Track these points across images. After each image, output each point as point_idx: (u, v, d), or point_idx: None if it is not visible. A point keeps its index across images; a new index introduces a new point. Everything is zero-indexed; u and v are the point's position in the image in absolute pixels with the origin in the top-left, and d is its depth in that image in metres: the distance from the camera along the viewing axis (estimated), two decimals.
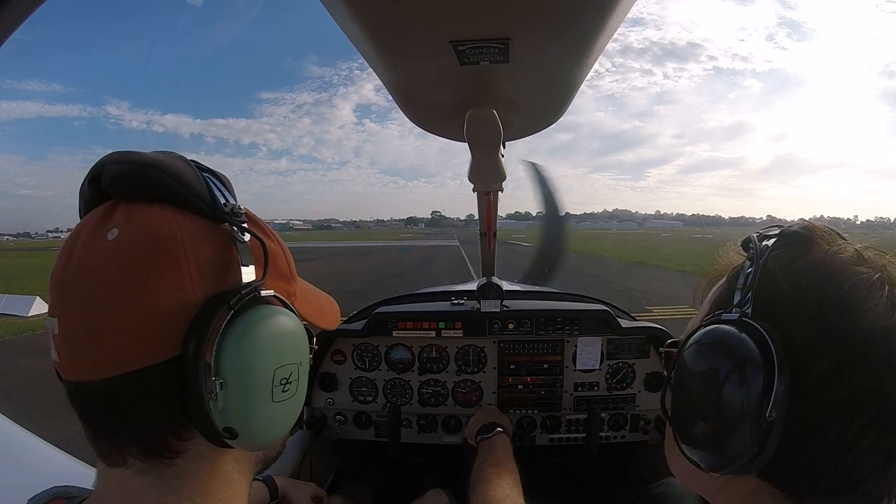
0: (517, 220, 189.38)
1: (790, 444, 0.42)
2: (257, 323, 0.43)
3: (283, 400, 0.46)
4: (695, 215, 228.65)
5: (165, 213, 0.43)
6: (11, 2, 0.59)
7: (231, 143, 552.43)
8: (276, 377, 0.44)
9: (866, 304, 0.41)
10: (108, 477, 0.45)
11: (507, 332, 1.49)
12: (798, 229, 0.48)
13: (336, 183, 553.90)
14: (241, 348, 0.42)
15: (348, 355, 1.55)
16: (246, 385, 0.43)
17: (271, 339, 0.44)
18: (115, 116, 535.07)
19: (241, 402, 0.43)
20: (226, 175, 0.49)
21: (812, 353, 0.41)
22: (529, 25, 0.48)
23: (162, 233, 0.42)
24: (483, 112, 0.67)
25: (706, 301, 0.56)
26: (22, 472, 1.06)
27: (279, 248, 0.52)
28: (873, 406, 0.40)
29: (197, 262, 0.43)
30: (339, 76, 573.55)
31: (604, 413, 1.52)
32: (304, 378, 0.49)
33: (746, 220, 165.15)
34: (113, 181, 0.44)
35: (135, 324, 0.40)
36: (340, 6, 0.46)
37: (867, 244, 0.46)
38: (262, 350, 0.43)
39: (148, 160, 0.43)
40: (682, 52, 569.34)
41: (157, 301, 0.41)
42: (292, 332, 0.47)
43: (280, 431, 0.48)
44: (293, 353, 0.46)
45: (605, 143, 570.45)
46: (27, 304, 11.67)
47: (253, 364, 0.43)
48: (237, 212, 0.46)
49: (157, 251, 0.41)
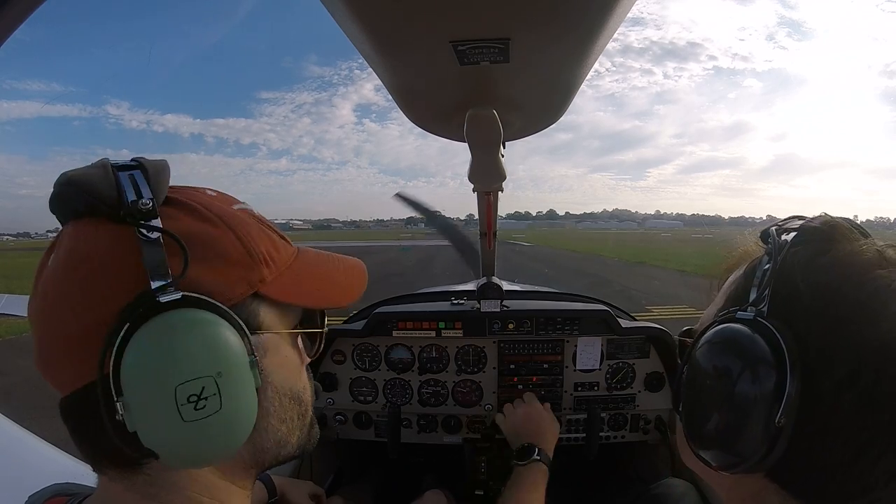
0: (517, 220, 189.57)
1: (799, 447, 0.41)
2: (148, 336, 0.39)
3: (199, 419, 0.40)
4: (695, 215, 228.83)
5: (83, 229, 0.43)
6: (11, 2, 0.59)
7: (231, 142, 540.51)
8: (178, 395, 0.39)
9: (886, 309, 0.39)
10: (99, 481, 0.46)
11: (507, 332, 1.49)
12: (819, 225, 0.46)
13: (336, 183, 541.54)
14: (132, 367, 0.38)
15: (348, 355, 1.55)
16: (147, 405, 0.39)
17: (164, 353, 0.39)
18: (115, 116, 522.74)
19: (148, 423, 0.39)
20: (160, 163, 0.45)
21: (827, 359, 0.40)
22: (529, 25, 0.48)
23: (78, 252, 0.42)
24: (483, 112, 0.67)
25: (722, 292, 0.54)
26: (22, 472, 1.06)
27: (225, 233, 0.45)
28: (886, 415, 0.38)
29: (114, 274, 0.41)
30: (339, 76, 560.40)
31: (604, 413, 1.52)
32: (234, 389, 0.41)
33: (746, 220, 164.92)
34: (50, 207, 0.44)
35: (64, 348, 0.41)
36: (340, 6, 0.46)
37: (889, 241, 0.44)
38: (155, 367, 0.39)
39: (66, 178, 0.42)
40: (682, 51, 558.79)
41: (77, 323, 0.41)
42: (202, 340, 0.40)
43: (216, 451, 0.42)
44: (202, 364, 0.40)
45: (605, 142, 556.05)
46: (27, 305, 11.64)
47: (146, 383, 0.39)
48: (140, 208, 0.41)
49: (75, 274, 0.42)
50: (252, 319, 0.46)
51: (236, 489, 0.50)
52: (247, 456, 0.49)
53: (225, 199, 0.51)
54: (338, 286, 0.56)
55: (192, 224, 0.44)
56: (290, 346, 0.52)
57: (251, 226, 0.48)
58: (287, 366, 0.51)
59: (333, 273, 0.57)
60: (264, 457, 0.50)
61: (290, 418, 0.51)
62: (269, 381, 0.48)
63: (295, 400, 0.52)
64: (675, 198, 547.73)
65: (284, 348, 0.51)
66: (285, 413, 0.50)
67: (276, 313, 0.49)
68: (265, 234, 0.50)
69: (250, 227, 0.48)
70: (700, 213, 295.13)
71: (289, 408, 0.51)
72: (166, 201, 0.45)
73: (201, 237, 0.44)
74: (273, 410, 0.49)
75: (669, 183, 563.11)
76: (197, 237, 0.43)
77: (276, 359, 0.49)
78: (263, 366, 0.47)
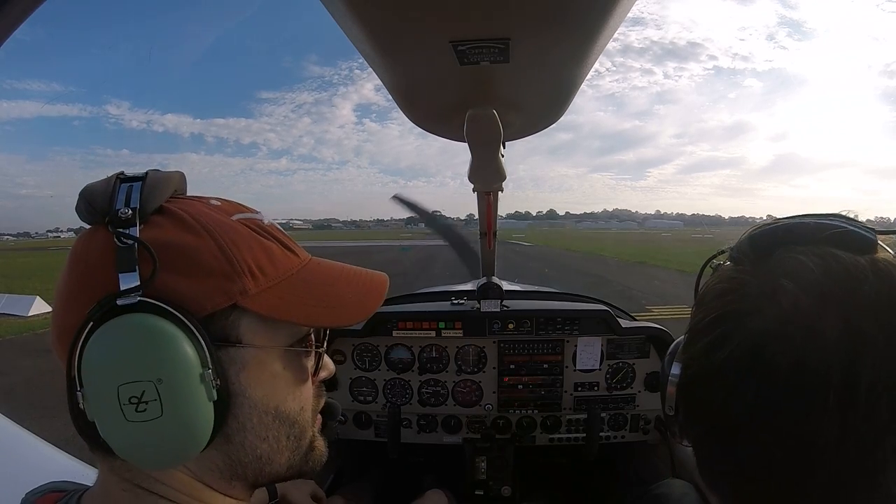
0: (517, 219, 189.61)
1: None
2: (102, 334, 0.41)
3: (141, 421, 0.41)
4: (695, 215, 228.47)
5: (86, 234, 0.46)
6: (11, 2, 0.59)
7: (231, 142, 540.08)
8: (121, 394, 0.40)
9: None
10: (99, 470, 0.49)
11: (507, 331, 1.49)
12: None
13: (336, 183, 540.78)
14: (87, 362, 0.41)
15: (348, 355, 1.55)
16: (98, 400, 0.42)
17: (111, 353, 0.41)
18: (115, 116, 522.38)
19: (100, 417, 0.42)
20: (175, 174, 0.50)
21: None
22: (529, 25, 0.48)
23: (76, 255, 0.46)
24: (483, 112, 0.67)
25: None
26: (22, 472, 1.06)
27: (206, 243, 0.45)
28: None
29: (96, 277, 0.44)
30: (339, 76, 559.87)
31: (604, 413, 1.52)
32: (176, 398, 0.42)
33: (746, 220, 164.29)
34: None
35: (58, 335, 0.45)
36: (340, 6, 0.46)
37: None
38: (101, 364, 0.41)
39: (83, 189, 0.46)
40: (682, 51, 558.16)
41: (67, 316, 0.44)
42: (146, 346, 0.41)
43: (164, 455, 0.43)
44: (143, 369, 0.41)
45: (606, 142, 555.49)
46: (27, 304, 11.65)
47: (96, 378, 0.41)
48: (120, 216, 0.43)
49: (72, 274, 0.45)
50: (230, 332, 0.46)
51: (221, 496, 0.49)
52: (221, 465, 0.48)
53: (228, 208, 0.51)
54: (342, 304, 0.53)
55: (173, 233, 0.45)
56: (280, 362, 0.50)
57: (242, 237, 0.48)
58: (273, 383, 0.49)
59: (341, 289, 0.54)
60: (244, 470, 0.49)
61: (274, 437, 0.50)
62: (247, 396, 0.47)
63: (280, 419, 0.50)
64: (675, 198, 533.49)
65: (272, 364, 0.49)
66: (266, 431, 0.49)
67: (261, 327, 0.48)
68: (260, 246, 0.49)
69: (240, 237, 0.48)
70: (700, 212, 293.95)
71: (271, 426, 0.49)
72: (160, 210, 0.46)
73: (179, 247, 0.44)
74: (250, 426, 0.48)
75: (670, 183, 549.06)
76: (174, 247, 0.44)
77: (257, 374, 0.48)
78: (240, 380, 0.46)
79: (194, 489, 0.48)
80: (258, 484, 0.53)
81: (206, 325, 0.44)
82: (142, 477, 0.46)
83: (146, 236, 0.43)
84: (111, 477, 0.47)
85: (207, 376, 0.43)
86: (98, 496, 0.49)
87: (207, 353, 0.43)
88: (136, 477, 0.46)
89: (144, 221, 0.44)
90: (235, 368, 0.46)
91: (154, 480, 0.47)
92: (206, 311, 0.44)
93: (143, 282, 0.42)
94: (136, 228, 0.43)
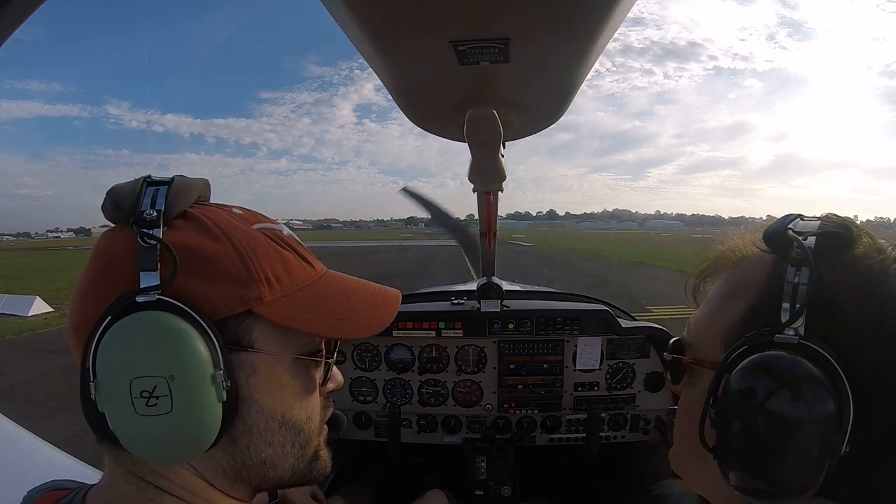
0: (517, 220, 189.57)
1: (851, 471, 0.40)
2: (119, 329, 0.42)
3: (151, 415, 0.42)
4: (695, 215, 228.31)
5: (109, 233, 0.48)
6: (11, 2, 0.59)
7: (231, 142, 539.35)
8: (133, 388, 0.42)
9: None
10: (105, 463, 0.49)
11: (507, 331, 1.49)
12: (838, 230, 0.44)
13: (336, 183, 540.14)
14: (103, 353, 0.42)
15: (348, 355, 1.55)
16: (110, 391, 0.43)
17: (128, 347, 0.42)
18: (115, 116, 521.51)
19: (111, 408, 0.43)
20: (201, 182, 0.51)
21: (883, 382, 0.39)
22: (529, 25, 0.48)
23: (98, 251, 0.47)
24: (483, 112, 0.67)
25: (714, 297, 0.52)
26: (22, 472, 1.06)
27: (226, 249, 0.47)
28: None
29: (117, 274, 0.45)
30: (339, 76, 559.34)
31: (604, 413, 1.52)
32: (187, 396, 0.43)
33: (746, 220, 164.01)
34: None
35: (73, 326, 0.46)
36: (340, 6, 0.46)
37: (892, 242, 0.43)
38: (116, 357, 0.42)
39: (110, 189, 0.48)
40: (682, 51, 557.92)
41: (84, 309, 0.45)
42: (163, 343, 0.42)
43: (171, 450, 0.44)
44: (157, 364, 0.42)
45: (606, 142, 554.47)
46: (27, 304, 11.67)
47: (110, 370, 0.42)
48: (145, 217, 0.45)
49: (92, 269, 0.47)
50: (243, 336, 0.47)
51: (223, 496, 0.50)
52: (226, 466, 0.49)
53: (249, 217, 0.52)
54: (354, 317, 0.54)
55: (195, 238, 0.46)
56: (289, 370, 0.51)
57: (261, 245, 0.49)
58: (281, 390, 0.50)
59: (354, 302, 0.55)
60: (249, 473, 0.50)
61: (280, 443, 0.51)
62: (255, 400, 0.48)
63: (287, 426, 0.51)
64: (675, 198, 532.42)
65: (281, 372, 0.50)
66: (272, 437, 0.50)
67: (274, 335, 0.49)
68: (277, 255, 0.50)
69: (259, 246, 0.49)
70: (700, 213, 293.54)
71: (277, 432, 0.50)
72: (183, 215, 0.48)
73: (200, 250, 0.46)
74: (256, 430, 0.49)
75: (669, 183, 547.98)
76: (195, 250, 0.46)
77: (267, 380, 0.49)
78: (249, 384, 0.48)
79: (198, 487, 0.49)
80: (262, 488, 0.53)
81: (220, 328, 0.45)
82: (147, 471, 0.47)
83: (169, 238, 0.44)
84: (117, 469, 0.48)
85: (218, 377, 0.44)
86: (103, 488, 0.49)
87: (220, 355, 0.44)
88: (141, 471, 0.47)
89: (168, 224, 0.46)
90: (246, 372, 0.47)
91: (159, 475, 0.47)
92: (221, 314, 0.45)
93: (162, 281, 0.43)
94: (159, 230, 0.44)
